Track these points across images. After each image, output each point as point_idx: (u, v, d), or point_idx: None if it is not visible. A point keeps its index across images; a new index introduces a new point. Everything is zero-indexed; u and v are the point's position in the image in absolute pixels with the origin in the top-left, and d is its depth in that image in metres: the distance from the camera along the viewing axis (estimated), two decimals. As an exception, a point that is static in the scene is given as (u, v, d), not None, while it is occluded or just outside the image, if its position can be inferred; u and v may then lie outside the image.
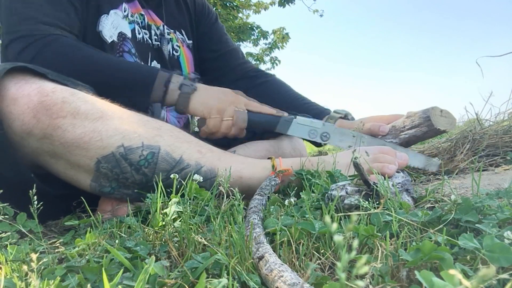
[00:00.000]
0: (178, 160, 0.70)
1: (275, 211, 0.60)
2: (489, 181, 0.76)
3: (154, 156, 0.68)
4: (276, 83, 1.22)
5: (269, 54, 8.62)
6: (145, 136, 0.68)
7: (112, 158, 0.66)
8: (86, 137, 0.64)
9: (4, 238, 0.54)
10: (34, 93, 0.63)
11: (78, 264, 0.42)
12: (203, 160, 0.73)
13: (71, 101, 0.64)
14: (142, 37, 1.03)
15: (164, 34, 1.08)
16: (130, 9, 1.00)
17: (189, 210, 0.53)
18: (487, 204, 0.49)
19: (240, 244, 0.42)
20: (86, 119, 0.64)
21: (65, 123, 0.63)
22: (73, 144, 0.64)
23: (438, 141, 1.16)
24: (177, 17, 1.15)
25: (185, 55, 1.15)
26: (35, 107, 0.62)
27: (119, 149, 0.66)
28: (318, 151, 1.78)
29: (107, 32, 0.93)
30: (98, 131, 0.65)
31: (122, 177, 0.68)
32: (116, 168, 0.67)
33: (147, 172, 0.68)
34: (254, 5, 8.27)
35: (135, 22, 1.01)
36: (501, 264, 0.34)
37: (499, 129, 1.04)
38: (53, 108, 0.63)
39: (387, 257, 0.39)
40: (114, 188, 0.70)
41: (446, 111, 0.85)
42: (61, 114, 0.63)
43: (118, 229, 0.57)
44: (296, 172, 0.76)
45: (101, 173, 0.67)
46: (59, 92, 0.64)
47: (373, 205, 0.53)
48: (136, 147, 0.67)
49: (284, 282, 0.33)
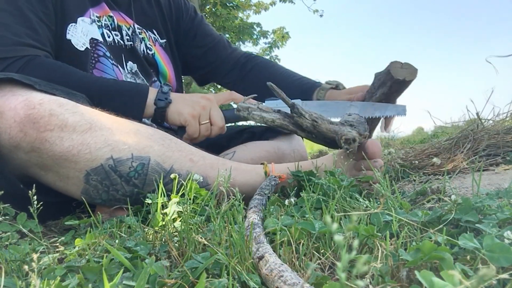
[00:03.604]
0: (169, 170, 0.70)
1: (275, 211, 0.60)
2: (489, 181, 0.76)
3: (144, 167, 0.68)
4: (265, 65, 1.24)
5: (269, 53, 8.62)
6: (135, 147, 0.68)
7: (102, 171, 0.66)
8: (74, 150, 0.63)
9: (4, 238, 0.54)
10: (21, 106, 0.61)
11: (78, 264, 0.42)
12: (195, 169, 0.72)
13: (58, 113, 0.63)
14: (113, 40, 1.02)
15: (136, 33, 1.07)
16: (97, 13, 0.99)
17: (189, 210, 0.53)
18: (487, 204, 0.49)
19: (240, 244, 0.42)
20: (74, 131, 0.64)
21: (53, 136, 0.62)
22: (61, 157, 0.63)
23: (438, 141, 1.16)
24: (148, 16, 1.14)
25: (159, 54, 1.14)
26: (22, 121, 0.61)
27: (108, 161, 0.65)
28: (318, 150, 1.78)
29: (78, 40, 0.93)
30: (87, 144, 0.64)
31: (113, 189, 0.68)
32: (106, 180, 0.67)
33: (138, 183, 0.68)
34: (254, 5, 8.28)
35: (104, 26, 1.00)
36: (501, 264, 0.34)
37: (500, 129, 1.04)
38: (40, 121, 0.61)
39: (387, 257, 0.39)
40: (104, 200, 0.70)
41: (406, 63, 0.87)
42: (49, 127, 0.62)
43: (118, 229, 0.57)
44: (293, 173, 0.76)
45: (91, 185, 0.67)
46: (46, 104, 0.63)
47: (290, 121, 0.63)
48: (125, 158, 0.66)
49: (284, 282, 0.33)
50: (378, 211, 0.50)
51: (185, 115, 0.87)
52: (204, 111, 0.90)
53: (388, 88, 0.89)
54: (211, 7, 7.26)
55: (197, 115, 0.88)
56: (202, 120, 0.89)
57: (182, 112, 0.88)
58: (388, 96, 0.91)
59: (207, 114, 0.90)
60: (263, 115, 0.75)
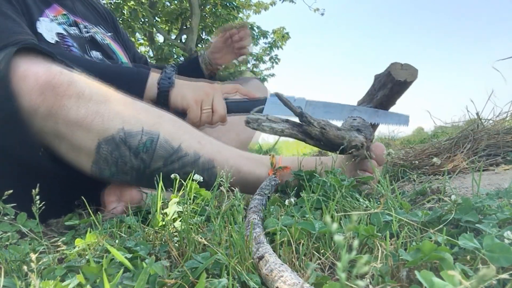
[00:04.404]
0: (177, 148, 0.72)
1: (275, 211, 0.60)
2: (489, 181, 0.76)
3: (153, 143, 0.69)
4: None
5: (269, 53, 8.63)
6: (146, 123, 0.70)
7: (112, 141, 0.68)
8: (88, 118, 0.66)
9: (4, 238, 0.54)
10: (43, 72, 0.64)
11: (78, 264, 0.42)
12: (202, 151, 0.74)
13: (77, 84, 0.66)
14: (74, 33, 1.06)
15: (88, 27, 1.12)
16: (52, 13, 1.03)
17: (189, 210, 0.53)
18: (487, 204, 0.49)
19: (240, 244, 0.42)
20: (90, 101, 0.66)
21: (70, 103, 0.65)
22: (76, 124, 0.66)
23: (438, 141, 1.16)
24: (91, 14, 1.20)
25: (113, 44, 1.19)
26: (43, 86, 0.64)
27: (119, 132, 0.68)
28: (318, 151, 1.77)
29: (47, 35, 0.96)
30: (101, 114, 0.67)
31: (121, 162, 0.69)
32: (116, 152, 0.68)
33: (145, 158, 0.70)
34: (254, 5, 8.28)
35: (62, 23, 1.04)
36: (501, 264, 0.34)
37: (500, 129, 1.04)
38: (60, 88, 0.65)
39: (387, 257, 0.39)
40: (113, 173, 0.71)
41: (406, 64, 0.88)
42: (67, 94, 0.65)
43: (118, 229, 0.57)
44: (294, 173, 0.76)
45: (101, 156, 0.68)
46: (66, 74, 0.66)
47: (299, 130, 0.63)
48: (135, 132, 0.69)
49: (284, 282, 0.33)
50: (378, 211, 0.50)
51: (188, 99, 0.89)
52: (207, 98, 0.91)
53: (389, 90, 0.89)
54: (211, 7, 7.26)
55: (199, 101, 0.90)
56: (204, 107, 0.91)
57: (185, 96, 0.89)
58: (389, 97, 0.91)
59: (209, 101, 0.91)
60: (272, 126, 0.75)
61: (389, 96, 0.91)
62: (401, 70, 0.87)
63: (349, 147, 0.72)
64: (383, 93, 0.91)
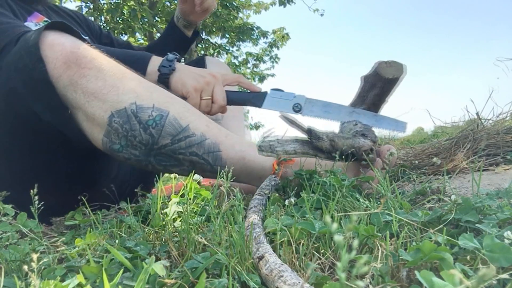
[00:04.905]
0: (185, 127, 0.74)
1: (275, 211, 0.60)
2: (489, 181, 0.76)
3: (162, 119, 0.73)
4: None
5: (269, 53, 8.63)
6: (157, 100, 0.74)
7: (124, 114, 0.71)
8: (105, 90, 0.71)
9: (4, 238, 0.54)
10: (69, 43, 0.71)
11: (78, 264, 0.42)
12: (209, 134, 0.76)
13: (98, 58, 0.72)
14: None
15: None
16: (35, 20, 1.05)
17: (189, 210, 0.53)
18: (487, 204, 0.49)
19: (240, 244, 0.42)
20: (108, 75, 0.71)
21: (90, 74, 0.70)
22: (92, 94, 0.70)
23: (438, 141, 1.16)
24: (67, 22, 1.20)
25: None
26: (68, 55, 0.69)
27: (131, 106, 0.71)
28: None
29: None
30: (117, 87, 0.71)
31: (131, 135, 0.72)
32: (126, 124, 0.72)
33: (154, 133, 0.72)
34: (254, 5, 8.27)
35: None
36: (501, 264, 0.34)
37: (500, 129, 1.04)
38: (83, 59, 0.70)
39: (387, 257, 0.39)
40: (122, 146, 0.73)
41: (392, 61, 0.87)
42: (88, 65, 0.70)
43: (118, 229, 0.57)
44: (295, 172, 0.76)
45: (113, 127, 0.72)
46: (89, 49, 0.72)
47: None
48: (147, 107, 0.72)
49: (284, 282, 0.33)
50: (378, 211, 0.50)
51: (188, 87, 0.90)
52: (207, 87, 0.91)
53: (380, 89, 0.89)
54: (211, 7, 7.25)
55: (199, 89, 0.90)
56: (204, 95, 0.91)
57: (185, 83, 0.90)
58: (381, 96, 0.91)
59: (210, 90, 0.92)
60: (285, 148, 0.75)
61: (380, 95, 0.90)
62: (387, 68, 0.87)
63: (359, 154, 0.72)
64: (374, 93, 0.90)
